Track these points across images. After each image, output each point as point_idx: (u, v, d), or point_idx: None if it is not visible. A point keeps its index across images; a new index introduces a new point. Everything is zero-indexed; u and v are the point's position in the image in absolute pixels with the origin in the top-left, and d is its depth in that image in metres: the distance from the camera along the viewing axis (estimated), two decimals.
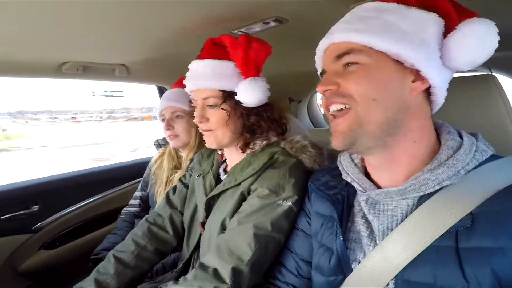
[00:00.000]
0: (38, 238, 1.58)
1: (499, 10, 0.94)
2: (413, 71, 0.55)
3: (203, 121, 0.88)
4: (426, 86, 0.56)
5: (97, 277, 0.92)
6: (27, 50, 1.14)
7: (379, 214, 0.59)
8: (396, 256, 0.53)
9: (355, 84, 0.55)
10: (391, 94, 0.54)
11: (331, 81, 0.58)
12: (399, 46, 0.53)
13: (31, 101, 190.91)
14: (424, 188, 0.54)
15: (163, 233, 1.06)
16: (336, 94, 0.57)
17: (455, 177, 0.52)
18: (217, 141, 0.90)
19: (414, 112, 0.56)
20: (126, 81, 1.71)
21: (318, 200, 0.72)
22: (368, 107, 0.54)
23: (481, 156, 0.54)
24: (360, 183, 0.63)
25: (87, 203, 1.76)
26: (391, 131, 0.55)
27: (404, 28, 0.54)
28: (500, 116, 0.79)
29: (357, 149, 0.58)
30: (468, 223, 0.49)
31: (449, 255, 0.49)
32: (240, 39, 0.86)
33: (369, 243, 0.59)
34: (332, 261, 0.63)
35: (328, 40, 0.61)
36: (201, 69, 0.88)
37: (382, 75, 0.55)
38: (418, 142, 0.57)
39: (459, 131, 0.59)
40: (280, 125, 0.94)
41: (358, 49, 0.55)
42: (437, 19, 0.54)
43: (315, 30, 1.10)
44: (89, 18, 0.89)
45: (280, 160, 0.86)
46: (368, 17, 0.57)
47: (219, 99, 0.87)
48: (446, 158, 0.54)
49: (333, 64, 0.59)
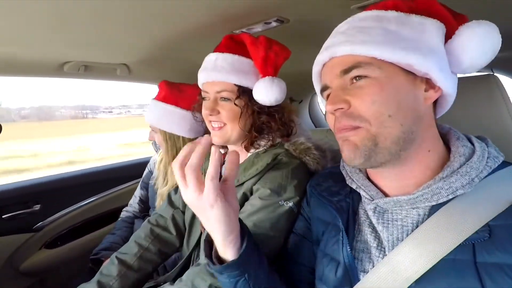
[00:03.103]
0: (40, 237, 1.58)
1: (501, 11, 0.94)
2: (423, 80, 0.53)
3: (214, 113, 0.87)
4: (439, 94, 0.54)
5: (100, 279, 0.92)
6: (29, 50, 1.14)
7: (388, 224, 0.56)
8: (405, 269, 0.50)
9: (370, 103, 0.51)
10: (405, 106, 0.52)
11: (341, 98, 0.54)
12: (410, 56, 0.50)
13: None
14: (436, 197, 0.51)
15: (166, 233, 1.06)
16: (347, 115, 0.54)
17: (469, 186, 0.50)
18: (225, 136, 0.89)
19: (427, 122, 0.54)
20: (127, 80, 1.71)
21: (320, 205, 0.70)
22: (383, 124, 0.51)
23: (494, 163, 0.53)
24: (367, 190, 0.60)
25: (88, 203, 1.76)
26: (406, 145, 0.53)
27: (409, 36, 0.51)
28: (502, 116, 0.78)
29: (371, 164, 0.54)
30: (485, 236, 0.47)
31: (467, 269, 0.46)
32: (260, 39, 0.86)
33: (377, 254, 0.56)
34: (339, 272, 0.60)
35: (329, 54, 0.57)
36: (219, 62, 0.87)
37: (395, 88, 0.52)
38: (432, 151, 0.55)
39: (468, 136, 0.57)
40: (288, 128, 0.94)
41: (366, 62, 0.52)
42: (438, 24, 0.53)
43: (317, 30, 1.11)
44: (91, 17, 0.89)
45: (284, 162, 0.85)
46: (368, 27, 0.54)
47: (234, 94, 0.87)
48: (459, 166, 0.52)
49: (339, 79, 0.55)
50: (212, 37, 1.12)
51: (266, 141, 0.91)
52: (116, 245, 1.36)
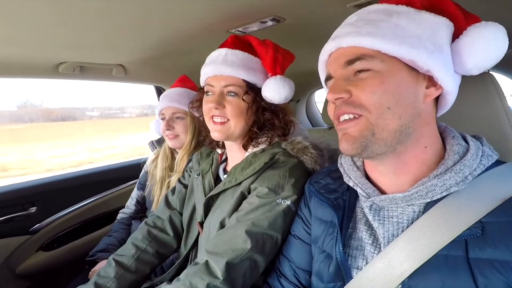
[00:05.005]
0: (36, 239, 1.57)
1: (498, 10, 0.94)
2: (425, 77, 0.54)
3: (220, 108, 0.87)
4: (440, 92, 0.55)
5: (97, 280, 0.91)
6: (24, 51, 1.13)
7: (384, 221, 0.57)
8: (400, 264, 0.52)
9: (370, 93, 0.52)
10: (405, 101, 0.52)
11: (343, 88, 0.55)
12: (414, 52, 0.51)
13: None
14: (431, 194, 0.52)
15: (163, 235, 1.06)
16: (348, 103, 0.55)
17: (462, 183, 0.51)
18: (228, 132, 0.89)
19: (425, 118, 0.55)
20: (124, 81, 1.70)
21: (319, 205, 0.70)
22: (382, 116, 0.52)
23: (487, 161, 0.53)
24: (364, 188, 0.61)
25: (85, 204, 1.75)
26: (403, 138, 0.54)
27: (417, 32, 0.52)
28: (498, 114, 0.79)
29: (368, 154, 0.55)
30: (478, 232, 0.47)
31: (460, 265, 0.47)
32: (267, 41, 0.89)
33: (372, 250, 0.58)
34: (331, 268, 0.61)
35: (335, 44, 0.58)
36: (230, 57, 0.87)
37: (396, 82, 0.52)
38: (429, 147, 0.56)
39: (463, 135, 0.58)
40: (287, 127, 0.95)
41: (370, 54, 0.53)
42: (447, 23, 0.53)
43: (313, 29, 1.11)
44: (86, 18, 0.88)
45: (281, 161, 0.86)
46: (377, 20, 0.54)
47: (242, 90, 0.87)
48: (453, 164, 0.53)
49: (343, 69, 0.56)
50: (208, 37, 1.12)
51: (266, 137, 0.91)
52: (112, 247, 1.35)
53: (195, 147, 1.36)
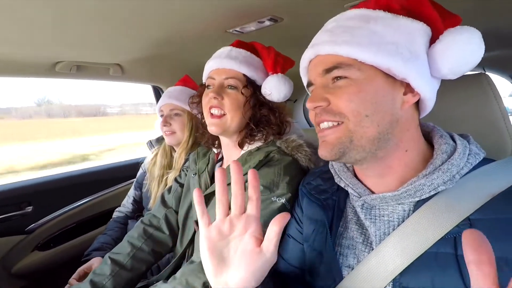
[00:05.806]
0: (32, 239, 1.56)
1: (494, 10, 0.95)
2: (403, 83, 0.54)
3: (218, 98, 0.88)
4: (417, 98, 0.55)
5: (93, 278, 0.92)
6: (20, 50, 1.12)
7: (375, 219, 0.58)
8: (392, 261, 0.52)
9: (347, 101, 0.53)
10: (383, 108, 0.53)
11: (321, 96, 0.56)
12: (390, 60, 0.51)
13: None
14: (419, 193, 0.53)
15: (159, 233, 1.06)
16: (327, 111, 0.56)
17: (450, 182, 0.52)
18: (224, 126, 0.89)
19: (404, 124, 0.55)
20: (121, 80, 1.69)
21: (310, 205, 0.71)
22: (360, 123, 0.53)
23: (475, 160, 0.54)
24: (355, 188, 0.61)
25: (81, 204, 1.74)
26: (382, 145, 0.54)
27: (393, 39, 0.52)
28: (494, 114, 0.79)
29: (346, 160, 0.57)
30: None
31: (449, 262, 0.48)
32: (270, 47, 0.94)
33: (363, 249, 0.58)
34: (322, 267, 0.62)
35: (314, 51, 0.58)
36: (234, 53, 0.91)
37: (373, 90, 0.53)
38: (410, 151, 0.56)
39: (450, 134, 0.59)
40: (282, 126, 0.96)
41: (347, 63, 0.53)
42: (424, 28, 0.53)
43: (311, 29, 1.10)
44: (83, 17, 0.88)
45: (276, 159, 0.86)
46: (354, 27, 0.54)
47: (242, 83, 0.89)
48: (441, 163, 0.53)
49: (322, 77, 0.57)
50: (206, 37, 1.12)
51: (260, 136, 0.92)
52: (107, 245, 1.35)
53: (193, 145, 1.37)
